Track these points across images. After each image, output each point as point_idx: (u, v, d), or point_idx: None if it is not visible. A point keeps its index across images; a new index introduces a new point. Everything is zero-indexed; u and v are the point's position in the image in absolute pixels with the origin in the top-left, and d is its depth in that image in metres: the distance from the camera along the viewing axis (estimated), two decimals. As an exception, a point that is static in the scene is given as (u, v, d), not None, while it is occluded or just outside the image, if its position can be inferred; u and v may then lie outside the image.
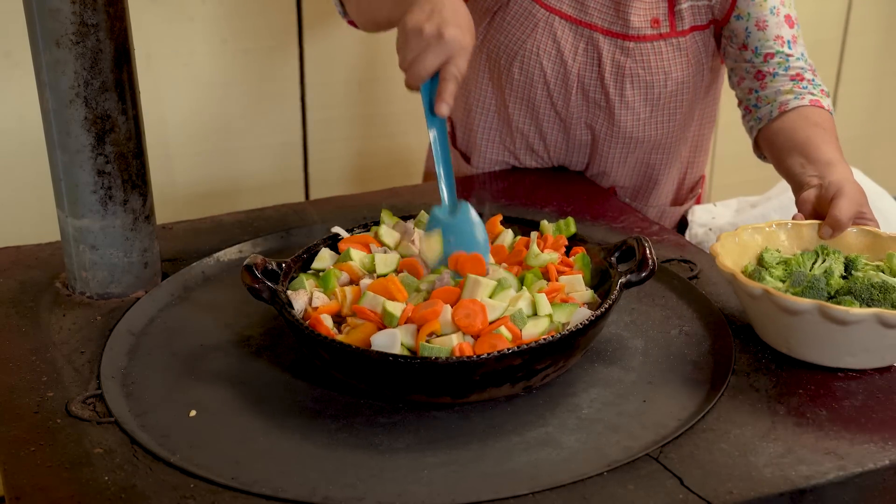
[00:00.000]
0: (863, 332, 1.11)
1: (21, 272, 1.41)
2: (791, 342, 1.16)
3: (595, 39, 1.64)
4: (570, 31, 1.64)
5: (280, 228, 1.53)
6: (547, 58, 1.66)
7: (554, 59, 1.66)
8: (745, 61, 1.62)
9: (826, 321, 1.11)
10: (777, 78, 1.59)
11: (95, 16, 1.22)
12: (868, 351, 1.13)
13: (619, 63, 1.65)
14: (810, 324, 1.12)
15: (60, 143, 1.27)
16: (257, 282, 1.16)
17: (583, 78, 1.67)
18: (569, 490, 0.97)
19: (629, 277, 1.18)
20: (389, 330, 1.10)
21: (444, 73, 1.22)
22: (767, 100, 1.59)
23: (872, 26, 3.04)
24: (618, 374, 1.17)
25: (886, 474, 1.01)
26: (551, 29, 1.64)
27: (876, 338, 1.12)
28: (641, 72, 1.65)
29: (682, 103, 1.70)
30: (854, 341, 1.12)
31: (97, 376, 1.16)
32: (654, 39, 1.64)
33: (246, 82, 2.34)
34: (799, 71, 1.59)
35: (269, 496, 0.96)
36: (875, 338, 1.12)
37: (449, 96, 1.21)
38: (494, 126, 1.77)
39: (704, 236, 1.96)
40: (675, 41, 1.64)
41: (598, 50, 1.65)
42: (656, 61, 1.65)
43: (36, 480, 0.98)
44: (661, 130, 1.72)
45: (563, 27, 1.64)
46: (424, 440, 1.06)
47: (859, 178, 1.96)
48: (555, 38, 1.65)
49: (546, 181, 1.74)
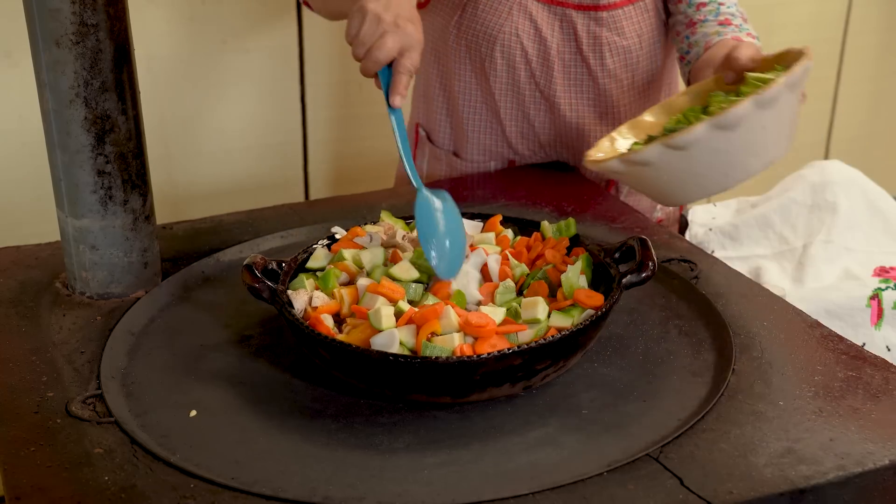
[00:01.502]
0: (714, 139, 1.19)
1: (21, 272, 1.41)
2: (682, 182, 1.25)
3: (569, 15, 1.68)
4: (544, 10, 1.68)
5: (280, 228, 1.53)
6: (527, 38, 1.69)
7: (534, 38, 1.69)
8: (680, 13, 1.68)
9: (671, 151, 1.20)
10: (706, 24, 1.62)
11: (95, 16, 1.22)
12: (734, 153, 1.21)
13: (595, 34, 1.68)
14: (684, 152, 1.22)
15: (60, 143, 1.27)
16: (257, 281, 1.16)
17: (563, 54, 1.70)
18: (569, 490, 0.97)
19: (629, 278, 1.18)
20: (389, 330, 1.10)
21: (397, 67, 1.27)
22: (696, 43, 1.62)
23: (872, 26, 3.04)
24: (618, 374, 1.17)
25: (886, 474, 1.01)
26: (526, 10, 1.68)
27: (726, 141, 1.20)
28: (617, 38, 1.69)
29: (657, 65, 1.74)
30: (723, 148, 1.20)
31: (97, 376, 1.16)
32: (624, 5, 1.68)
33: (246, 82, 2.34)
34: (728, 17, 1.62)
35: (269, 496, 0.96)
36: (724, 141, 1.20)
37: (403, 89, 1.27)
38: (483, 116, 1.79)
39: (704, 236, 1.96)
40: (642, 4, 1.69)
41: (572, 25, 1.68)
42: (629, 25, 1.69)
43: (36, 480, 0.98)
44: (642, 96, 1.76)
45: (536, 8, 1.68)
46: (424, 440, 1.06)
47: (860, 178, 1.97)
48: (531, 19, 1.68)
49: (545, 181, 1.74)
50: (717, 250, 1.93)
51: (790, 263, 1.88)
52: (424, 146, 1.88)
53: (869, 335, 1.72)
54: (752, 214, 1.96)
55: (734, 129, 1.19)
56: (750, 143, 1.22)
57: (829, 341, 1.22)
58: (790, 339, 1.23)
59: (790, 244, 1.91)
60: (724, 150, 1.21)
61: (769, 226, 1.94)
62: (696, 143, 1.19)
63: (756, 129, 1.22)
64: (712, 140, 1.19)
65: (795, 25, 2.95)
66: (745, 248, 1.93)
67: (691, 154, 1.19)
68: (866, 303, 1.72)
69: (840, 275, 1.83)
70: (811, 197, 1.93)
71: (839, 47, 3.03)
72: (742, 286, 1.36)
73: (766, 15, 2.91)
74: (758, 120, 1.21)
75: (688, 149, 1.19)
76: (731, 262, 1.51)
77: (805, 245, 1.88)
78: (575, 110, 1.75)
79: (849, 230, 1.88)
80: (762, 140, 1.23)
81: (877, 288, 1.74)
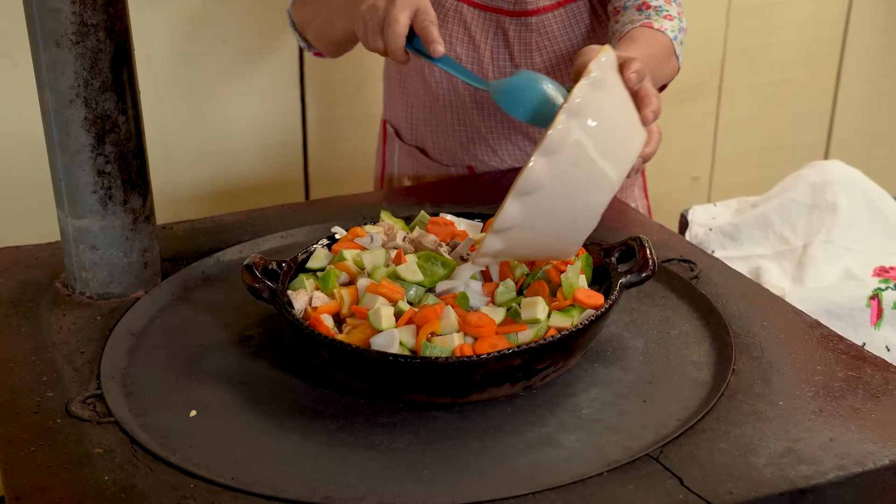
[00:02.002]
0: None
1: (21, 272, 1.41)
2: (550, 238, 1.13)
3: (502, 22, 1.68)
4: (478, 17, 1.68)
5: (280, 228, 1.53)
6: (460, 44, 1.69)
7: (467, 45, 1.69)
8: (609, 3, 1.65)
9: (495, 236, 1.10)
10: (626, 12, 1.59)
11: (95, 16, 1.22)
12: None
13: (525, 39, 1.68)
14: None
15: (60, 143, 1.27)
16: (257, 281, 1.16)
17: (496, 60, 1.70)
18: (569, 490, 0.96)
19: (629, 278, 1.18)
20: (388, 330, 1.10)
21: (419, 25, 1.26)
22: (615, 34, 1.59)
23: (872, 26, 3.04)
24: (618, 374, 1.17)
25: (886, 474, 1.01)
26: (461, 17, 1.68)
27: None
28: (547, 43, 1.68)
29: None
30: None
31: (97, 376, 1.16)
32: (554, 9, 1.67)
33: (246, 82, 2.34)
34: (646, 1, 1.58)
35: (269, 496, 0.96)
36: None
37: (437, 36, 1.26)
38: (433, 119, 1.79)
39: (704, 236, 1.96)
40: (574, 6, 1.68)
41: (504, 32, 1.68)
42: (559, 30, 1.68)
43: (36, 480, 0.98)
44: None
45: (471, 14, 1.68)
46: (424, 440, 1.06)
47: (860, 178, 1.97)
48: (465, 25, 1.68)
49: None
50: (717, 250, 1.93)
51: (790, 263, 1.88)
52: (394, 142, 1.88)
53: (869, 335, 1.72)
54: (752, 214, 1.96)
55: (539, 191, 1.06)
56: (572, 185, 1.08)
57: (829, 341, 1.22)
58: (790, 339, 1.23)
59: (790, 244, 1.91)
60: (549, 208, 1.08)
61: (769, 226, 1.94)
62: (513, 226, 1.08)
63: (566, 173, 1.07)
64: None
65: (795, 25, 2.95)
66: (745, 248, 1.94)
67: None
68: (866, 303, 1.72)
69: (840, 275, 1.83)
70: (811, 197, 1.93)
71: (839, 47, 3.03)
72: (742, 286, 1.36)
73: (766, 15, 2.92)
74: (557, 166, 1.06)
75: (511, 230, 1.08)
76: (731, 262, 1.51)
77: (805, 245, 1.88)
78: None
79: (849, 230, 1.89)
80: (581, 175, 1.08)
81: (877, 288, 1.74)
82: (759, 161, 3.09)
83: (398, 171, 1.88)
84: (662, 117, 1.60)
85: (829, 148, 3.18)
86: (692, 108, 2.89)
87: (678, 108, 2.84)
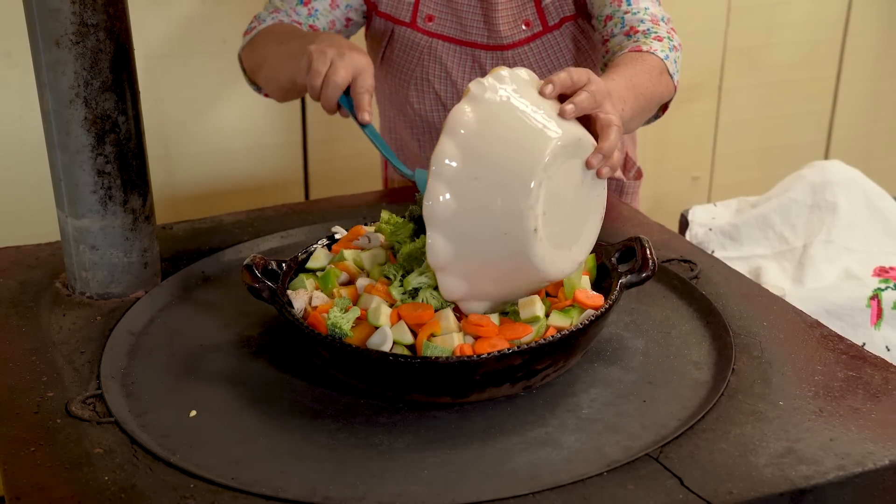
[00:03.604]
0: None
1: (21, 272, 1.41)
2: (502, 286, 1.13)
3: (478, 56, 1.67)
4: (454, 52, 1.67)
5: (280, 228, 1.53)
6: (437, 81, 1.69)
7: (443, 80, 1.69)
8: (595, 31, 1.62)
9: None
10: (614, 39, 1.55)
11: (95, 16, 1.22)
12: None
13: None
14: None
15: (60, 143, 1.27)
16: (257, 282, 1.16)
17: None
18: (569, 490, 0.96)
19: (629, 278, 1.18)
20: (381, 329, 1.10)
21: (355, 88, 1.33)
22: (605, 62, 1.56)
23: (872, 26, 3.04)
24: (618, 374, 1.17)
25: (886, 474, 1.01)
26: (435, 53, 1.67)
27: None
28: None
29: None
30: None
31: (97, 376, 1.16)
32: (529, 41, 1.65)
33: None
34: (633, 25, 1.54)
35: (269, 496, 0.96)
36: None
37: (367, 105, 1.33)
38: (417, 155, 1.80)
39: (704, 236, 1.96)
40: (550, 37, 1.66)
41: (481, 66, 1.68)
42: (536, 62, 1.66)
43: (36, 480, 0.98)
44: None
45: (446, 49, 1.67)
46: (424, 440, 1.06)
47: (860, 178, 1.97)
48: (440, 62, 1.68)
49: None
50: (717, 250, 1.93)
51: (790, 263, 1.88)
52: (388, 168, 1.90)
53: (869, 335, 1.72)
54: (752, 214, 1.96)
55: (453, 218, 1.07)
56: (478, 198, 1.07)
57: (829, 341, 1.22)
58: (790, 339, 1.23)
59: (790, 244, 1.91)
60: (470, 225, 1.08)
61: (769, 226, 1.94)
62: (450, 259, 1.08)
63: (469, 189, 1.07)
64: (450, 232, 1.07)
65: (795, 25, 2.95)
66: (745, 248, 1.94)
67: (462, 255, 1.08)
68: (866, 303, 1.73)
69: (840, 275, 1.83)
70: (811, 197, 1.93)
71: (839, 47, 3.03)
72: (742, 286, 1.36)
73: (766, 15, 2.92)
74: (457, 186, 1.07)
75: (453, 263, 1.08)
76: (731, 262, 1.51)
77: (805, 245, 1.88)
78: None
79: (849, 230, 1.89)
80: (484, 186, 1.07)
81: (877, 288, 1.74)
82: (759, 161, 3.09)
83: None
84: (663, 118, 1.60)
85: (829, 148, 3.18)
86: (692, 108, 2.89)
87: (678, 108, 2.83)
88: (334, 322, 1.09)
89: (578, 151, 1.11)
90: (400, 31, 1.67)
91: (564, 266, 1.13)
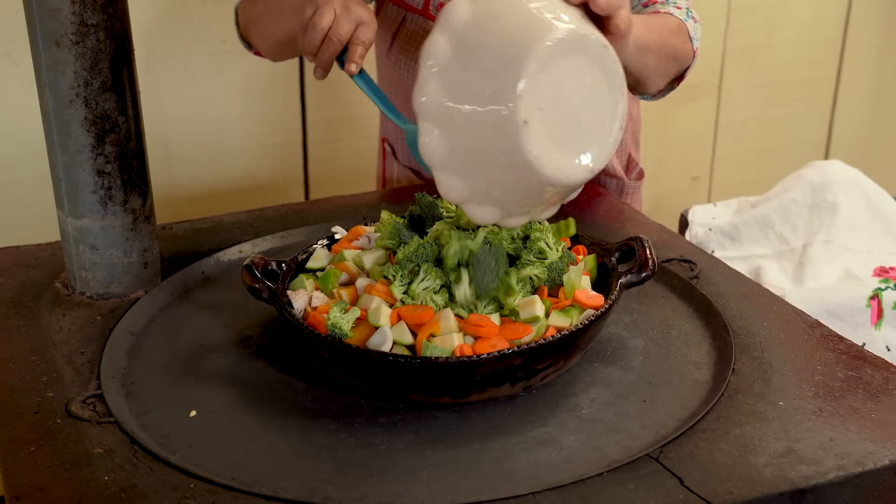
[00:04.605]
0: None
1: (21, 272, 1.41)
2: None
3: None
4: None
5: (280, 228, 1.53)
6: None
7: None
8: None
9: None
10: (632, 9, 1.56)
11: (95, 16, 1.22)
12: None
13: None
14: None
15: (60, 143, 1.27)
16: (257, 282, 1.16)
17: None
18: (569, 490, 0.96)
19: (629, 278, 1.18)
20: (381, 329, 1.10)
21: (352, 39, 1.28)
22: None
23: (872, 26, 3.04)
24: (618, 374, 1.17)
25: (886, 474, 1.01)
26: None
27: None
28: None
29: None
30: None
31: (97, 376, 1.16)
32: None
33: (246, 82, 2.34)
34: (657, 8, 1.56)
35: (269, 496, 0.96)
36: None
37: (358, 58, 1.28)
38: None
39: (704, 236, 1.96)
40: None
41: None
42: None
43: (36, 480, 0.98)
44: None
45: None
46: (424, 440, 1.06)
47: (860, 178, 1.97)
48: None
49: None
50: (717, 250, 1.93)
51: (790, 263, 1.88)
52: (392, 160, 1.89)
53: (869, 335, 1.72)
54: (752, 214, 1.96)
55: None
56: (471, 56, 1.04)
57: (829, 341, 1.22)
58: (790, 339, 1.23)
59: (790, 244, 1.91)
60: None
61: (769, 226, 1.94)
62: (447, 152, 1.06)
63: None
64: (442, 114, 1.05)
65: (795, 25, 2.95)
66: (745, 248, 1.94)
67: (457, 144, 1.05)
68: (866, 303, 1.73)
69: (840, 275, 1.83)
70: (811, 197, 1.93)
71: (839, 47, 3.03)
72: (742, 286, 1.36)
73: (766, 15, 2.92)
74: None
75: (451, 158, 1.06)
76: (731, 262, 1.51)
77: (805, 245, 1.89)
78: None
79: (849, 230, 1.89)
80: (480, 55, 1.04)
81: (877, 288, 1.74)
82: (759, 161, 3.09)
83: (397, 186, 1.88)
84: (663, 118, 1.60)
85: (829, 148, 3.18)
86: (692, 108, 2.89)
87: (678, 108, 2.84)
88: (334, 322, 1.09)
89: (586, 49, 1.06)
90: (412, 18, 1.66)
91: (571, 171, 1.07)
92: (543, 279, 1.17)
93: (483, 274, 1.13)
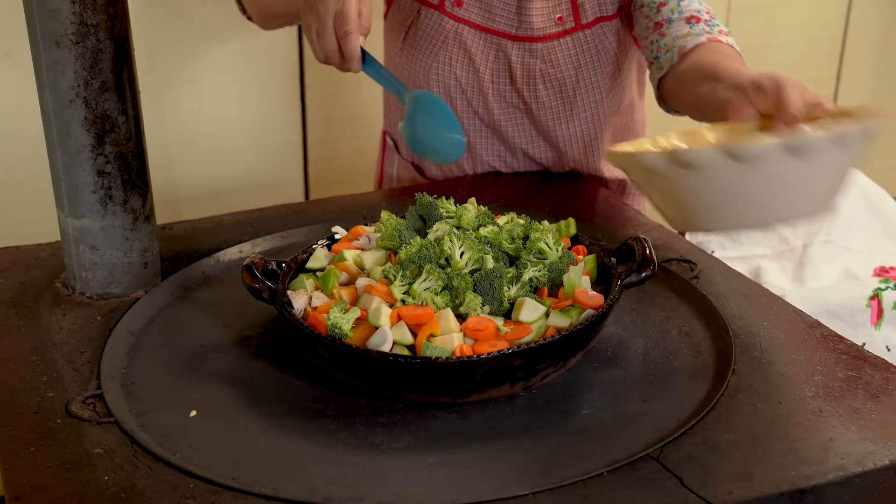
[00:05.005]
0: (770, 168, 1.07)
1: (21, 272, 1.41)
2: (710, 209, 1.13)
3: (503, 46, 1.66)
4: (479, 39, 1.66)
5: (280, 228, 1.53)
6: (460, 67, 1.68)
7: (466, 67, 1.68)
8: (643, 17, 1.61)
9: (729, 161, 1.06)
10: (673, 24, 1.55)
11: (95, 16, 1.22)
12: (780, 196, 1.10)
13: (529, 66, 1.66)
14: (715, 175, 1.08)
15: (60, 143, 1.27)
16: (257, 282, 1.16)
17: (497, 85, 1.69)
18: (569, 490, 0.96)
19: (629, 278, 1.18)
20: (381, 329, 1.10)
21: (339, 43, 1.35)
22: (667, 48, 1.55)
23: (872, 26, 3.04)
24: (618, 374, 1.17)
25: (886, 474, 1.01)
26: (461, 39, 1.66)
27: (783, 174, 1.08)
28: (551, 71, 1.66)
29: (601, 95, 1.70)
30: (765, 184, 1.08)
31: (97, 376, 1.16)
32: (560, 37, 1.65)
33: (246, 82, 2.34)
34: (693, 13, 1.55)
35: (269, 496, 0.96)
36: (782, 174, 1.08)
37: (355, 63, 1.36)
38: None
39: (704, 236, 1.96)
40: (581, 34, 1.65)
41: (507, 56, 1.67)
42: (564, 59, 1.66)
43: (36, 480, 0.98)
44: (582, 126, 1.72)
45: (472, 36, 1.66)
46: (424, 440, 1.06)
47: (860, 178, 1.96)
48: (465, 48, 1.67)
49: (542, 182, 1.74)
50: (717, 250, 1.93)
51: (790, 263, 1.88)
52: (393, 154, 1.89)
53: (869, 335, 1.72)
54: (752, 214, 1.96)
55: (805, 160, 1.08)
56: (812, 181, 1.12)
57: (829, 341, 1.22)
58: (790, 339, 1.23)
59: (790, 244, 1.91)
60: (790, 179, 1.09)
61: (769, 226, 1.94)
62: (763, 159, 1.06)
63: (827, 170, 1.15)
64: (780, 163, 1.07)
65: (795, 25, 2.95)
66: (745, 248, 1.93)
67: (750, 172, 1.06)
68: (866, 303, 1.72)
69: (840, 275, 1.83)
70: (811, 197, 1.93)
71: (839, 47, 3.03)
72: (742, 286, 1.36)
73: (766, 15, 2.92)
74: (832, 160, 1.16)
75: (750, 163, 1.06)
76: (731, 262, 1.51)
77: (805, 245, 1.88)
78: (514, 136, 1.74)
79: (849, 230, 1.89)
80: (823, 184, 1.15)
81: (877, 288, 1.74)
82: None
83: (396, 184, 1.88)
84: (665, 117, 1.60)
85: (828, 148, 3.18)
86: (692, 108, 2.88)
87: (678, 108, 2.84)
88: (334, 322, 1.09)
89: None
90: (427, 12, 1.67)
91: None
92: (543, 279, 1.17)
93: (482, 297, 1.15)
